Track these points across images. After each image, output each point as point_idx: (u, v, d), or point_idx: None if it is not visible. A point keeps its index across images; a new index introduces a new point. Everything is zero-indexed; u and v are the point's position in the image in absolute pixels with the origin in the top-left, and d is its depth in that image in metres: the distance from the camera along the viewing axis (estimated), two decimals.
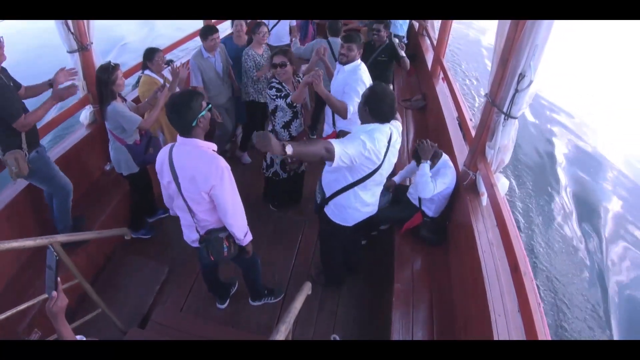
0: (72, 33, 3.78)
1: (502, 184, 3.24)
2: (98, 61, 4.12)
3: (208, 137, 2.53)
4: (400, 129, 2.99)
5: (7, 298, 3.19)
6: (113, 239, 4.16)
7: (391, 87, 5.63)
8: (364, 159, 2.65)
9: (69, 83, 3.39)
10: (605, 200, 8.09)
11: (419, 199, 3.72)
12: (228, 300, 3.75)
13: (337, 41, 5.27)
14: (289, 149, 2.27)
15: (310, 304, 3.41)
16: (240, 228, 2.70)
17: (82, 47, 3.92)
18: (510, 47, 2.78)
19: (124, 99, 3.63)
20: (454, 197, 3.64)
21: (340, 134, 4.06)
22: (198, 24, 6.38)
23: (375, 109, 2.69)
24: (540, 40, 2.51)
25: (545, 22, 2.43)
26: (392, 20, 8.72)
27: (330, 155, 2.46)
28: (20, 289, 3.30)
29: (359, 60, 3.93)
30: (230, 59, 5.04)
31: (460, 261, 3.37)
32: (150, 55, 4.19)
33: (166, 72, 4.38)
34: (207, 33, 4.54)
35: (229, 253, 2.77)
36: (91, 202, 4.16)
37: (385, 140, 2.73)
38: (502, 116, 2.91)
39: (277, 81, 3.80)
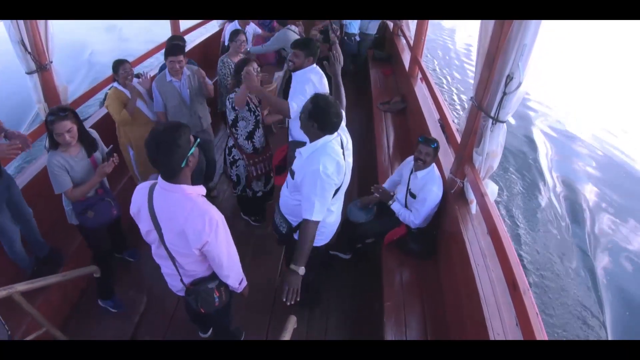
0: (29, 53, 3.51)
1: (492, 190, 3.09)
2: (60, 81, 3.89)
3: None
4: (347, 132, 2.90)
5: None
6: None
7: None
8: (338, 182, 2.61)
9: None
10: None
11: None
12: (211, 329, 3.52)
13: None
14: (301, 271, 2.49)
15: (297, 330, 3.19)
16: (236, 277, 2.42)
17: (41, 67, 3.65)
18: (496, 47, 2.61)
19: (87, 151, 3.10)
20: (441, 205, 3.45)
21: (292, 145, 3.85)
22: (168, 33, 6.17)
23: (323, 122, 2.51)
24: (529, 39, 2.35)
25: (534, 20, 2.26)
26: (345, 21, 8.66)
27: (315, 222, 2.57)
28: None
29: (313, 65, 3.67)
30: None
31: (452, 273, 3.21)
32: (116, 68, 3.94)
33: (137, 86, 4.10)
34: (168, 53, 4.02)
35: (221, 302, 2.49)
36: (64, 231, 3.74)
37: (338, 147, 2.62)
38: (490, 121, 2.73)
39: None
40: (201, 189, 2.16)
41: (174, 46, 4.11)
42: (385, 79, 7.58)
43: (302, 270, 2.44)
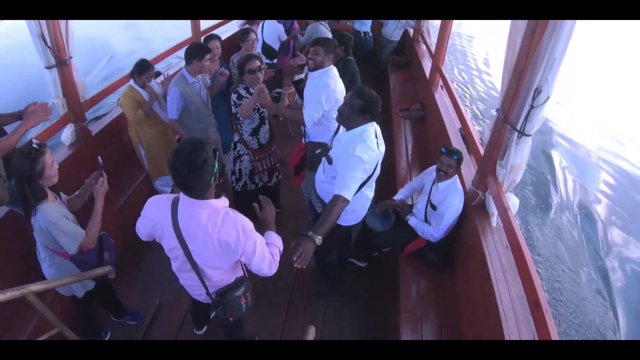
0: (49, 47, 3.49)
1: (513, 203, 3.03)
2: (79, 77, 3.88)
3: None
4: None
5: None
6: None
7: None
8: (369, 169, 2.74)
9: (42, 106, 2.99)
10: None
11: (425, 221, 3.50)
12: (205, 327, 3.54)
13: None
14: (319, 241, 2.41)
15: None
16: (272, 269, 2.34)
17: (61, 62, 3.63)
18: (524, 59, 2.56)
19: (57, 195, 2.65)
20: (461, 217, 3.40)
21: (310, 146, 3.80)
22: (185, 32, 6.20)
23: (375, 111, 2.72)
24: (559, 52, 2.29)
25: (565, 33, 2.21)
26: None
27: (348, 202, 2.61)
28: None
29: (331, 66, 3.59)
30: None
31: (470, 287, 3.16)
32: (140, 70, 3.96)
33: (155, 86, 4.16)
34: (203, 52, 3.96)
35: (247, 308, 2.51)
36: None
37: (373, 136, 2.77)
38: (515, 134, 2.68)
39: (244, 86, 3.65)
40: (225, 201, 2.13)
41: (204, 45, 4.22)
42: (404, 84, 7.53)
43: (319, 241, 2.41)
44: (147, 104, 4.00)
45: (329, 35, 6.05)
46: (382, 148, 2.91)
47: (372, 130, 2.78)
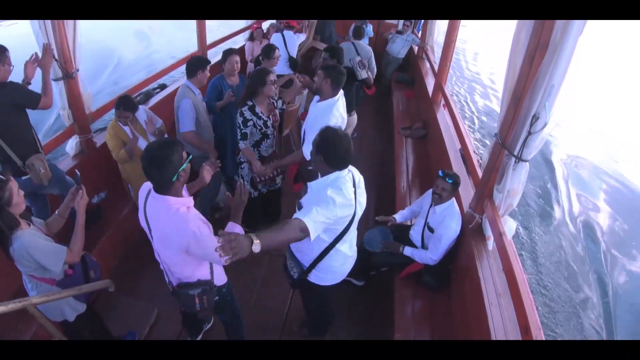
0: (56, 60, 3.58)
1: (509, 227, 3.02)
2: (84, 89, 3.95)
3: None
4: (357, 171, 2.65)
5: None
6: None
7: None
8: (339, 218, 2.37)
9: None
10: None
11: (422, 243, 3.48)
12: (200, 337, 3.55)
13: (361, 44, 6.20)
14: (255, 247, 1.88)
15: None
16: (220, 263, 2.48)
17: (67, 75, 3.72)
18: (523, 84, 2.57)
19: (29, 221, 2.57)
20: (458, 239, 3.38)
21: (303, 162, 3.84)
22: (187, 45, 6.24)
23: (330, 156, 2.37)
24: (557, 79, 2.29)
25: (564, 60, 2.22)
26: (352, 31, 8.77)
27: (305, 235, 2.18)
28: None
29: (337, 97, 3.56)
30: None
31: (464, 309, 3.15)
32: (118, 105, 3.74)
33: (142, 114, 3.98)
34: (206, 63, 4.07)
35: (202, 308, 2.59)
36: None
37: (350, 184, 2.46)
38: (513, 159, 2.68)
39: (250, 105, 3.70)
40: (188, 201, 2.32)
41: (205, 57, 4.38)
42: (407, 102, 7.55)
43: (256, 246, 1.88)
44: (129, 143, 3.77)
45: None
46: (363, 199, 2.62)
47: (349, 177, 2.48)
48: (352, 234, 2.69)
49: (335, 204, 2.29)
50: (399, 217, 3.83)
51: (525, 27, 2.52)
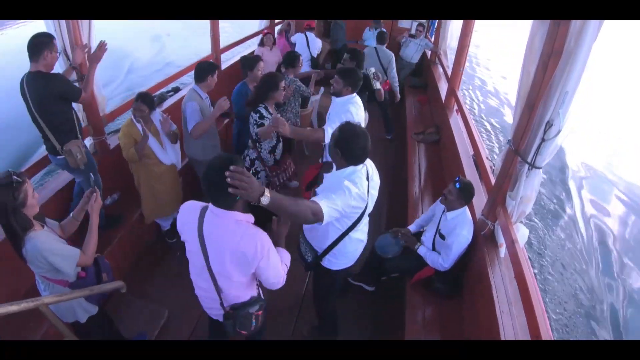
0: (70, 63, 3.65)
1: (522, 234, 2.99)
2: (99, 91, 4.00)
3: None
4: (372, 164, 2.76)
5: None
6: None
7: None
8: (352, 208, 2.45)
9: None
10: None
11: (432, 249, 3.47)
12: None
13: (383, 48, 6.48)
14: (265, 199, 1.92)
15: None
16: (281, 283, 2.41)
17: (82, 77, 3.74)
18: (537, 93, 2.56)
19: (43, 222, 2.58)
20: (470, 246, 3.36)
21: (326, 165, 3.88)
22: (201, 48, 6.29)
23: (347, 151, 2.46)
24: (571, 87, 2.28)
25: (578, 67, 2.21)
26: (365, 36, 8.84)
27: (317, 218, 2.22)
28: None
29: (354, 94, 3.73)
30: None
31: (475, 316, 3.12)
32: (137, 98, 3.80)
33: (157, 116, 4.00)
34: (214, 68, 4.12)
35: (256, 327, 2.51)
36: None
37: (364, 179, 2.55)
38: (526, 166, 2.67)
39: (264, 106, 3.73)
40: (250, 217, 2.20)
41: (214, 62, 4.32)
42: (420, 107, 7.53)
43: (265, 199, 1.92)
44: (140, 143, 3.79)
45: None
46: (375, 191, 2.74)
47: (363, 171, 2.57)
48: (365, 221, 2.81)
49: (351, 193, 2.38)
50: (413, 227, 3.83)
51: (539, 33, 2.51)
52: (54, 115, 3.35)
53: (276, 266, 2.27)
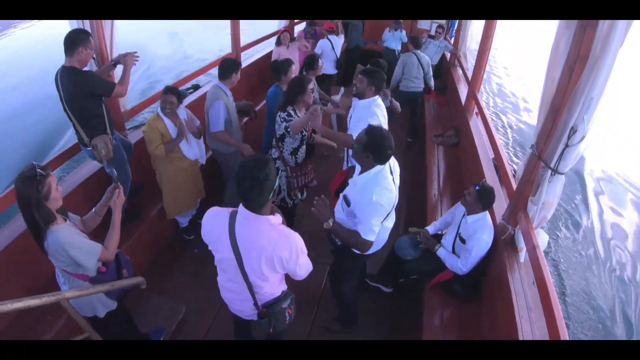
0: (93, 58, 3.68)
1: (542, 239, 2.98)
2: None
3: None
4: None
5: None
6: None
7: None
8: (388, 209, 2.76)
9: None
10: None
11: (452, 252, 3.46)
12: None
13: (421, 54, 6.63)
14: (327, 225, 2.68)
15: None
16: (308, 273, 2.49)
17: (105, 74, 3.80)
18: (561, 98, 2.55)
19: (65, 216, 2.56)
20: (490, 250, 3.33)
21: (352, 170, 3.87)
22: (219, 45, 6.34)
23: (376, 152, 2.62)
24: (597, 92, 2.27)
25: (604, 73, 2.19)
26: (385, 36, 8.82)
27: (368, 247, 2.76)
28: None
29: (376, 97, 3.74)
30: None
31: (494, 321, 3.10)
32: (165, 91, 3.84)
33: (182, 112, 4.02)
34: (239, 65, 4.23)
35: (290, 320, 2.59)
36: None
37: (389, 174, 2.76)
38: (549, 171, 2.66)
39: (293, 108, 3.79)
40: (279, 218, 2.27)
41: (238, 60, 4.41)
42: (439, 109, 7.50)
43: (328, 225, 2.71)
44: (173, 142, 3.86)
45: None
46: (397, 180, 2.93)
47: (387, 167, 2.74)
48: (392, 213, 3.00)
49: (383, 206, 2.65)
50: (431, 228, 3.82)
51: (564, 38, 2.50)
52: (83, 111, 3.44)
53: (307, 261, 2.36)
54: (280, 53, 6.99)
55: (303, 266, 2.34)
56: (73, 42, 3.23)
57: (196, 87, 6.69)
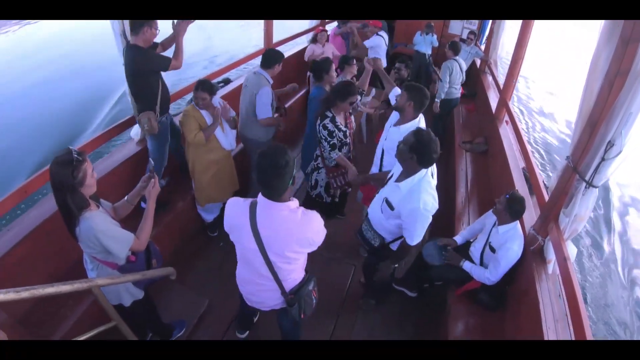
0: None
1: (571, 252, 2.97)
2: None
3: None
4: None
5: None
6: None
7: None
8: (431, 215, 2.82)
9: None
10: None
11: (480, 261, 3.48)
12: (248, 332, 3.70)
13: (461, 60, 6.70)
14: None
15: None
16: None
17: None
18: (600, 111, 2.54)
19: (98, 203, 2.55)
20: (518, 260, 3.32)
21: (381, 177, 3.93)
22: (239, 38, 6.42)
23: (423, 156, 2.69)
24: (636, 107, 2.26)
25: None
26: (416, 40, 8.79)
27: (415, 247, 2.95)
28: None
29: (418, 119, 3.61)
30: None
31: (519, 333, 3.09)
32: (196, 87, 3.86)
33: (217, 102, 4.04)
34: (282, 56, 4.39)
35: (316, 301, 2.70)
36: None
37: (431, 177, 2.86)
38: (583, 184, 2.65)
39: (331, 117, 3.83)
40: (296, 202, 2.34)
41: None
42: (467, 115, 7.47)
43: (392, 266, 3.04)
44: (210, 127, 3.92)
45: None
46: (436, 181, 3.05)
47: (429, 171, 2.80)
48: None
49: (429, 211, 2.73)
50: (459, 239, 3.81)
51: (604, 54, 2.50)
52: (138, 86, 3.75)
53: (324, 231, 2.43)
54: (314, 50, 7.07)
55: (323, 236, 2.41)
56: (140, 21, 3.46)
57: (227, 81, 6.77)
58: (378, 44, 7.38)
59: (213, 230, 4.81)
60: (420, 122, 3.62)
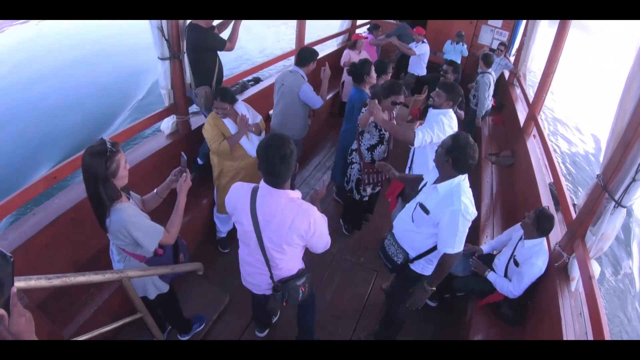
0: (166, 40, 3.79)
1: (595, 270, 2.95)
2: (185, 73, 4.23)
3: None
4: None
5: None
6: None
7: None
8: (471, 222, 2.66)
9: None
10: None
11: (504, 274, 3.48)
12: (267, 330, 3.74)
13: (492, 71, 6.63)
14: (431, 290, 2.90)
15: None
16: (327, 247, 2.61)
17: (174, 55, 3.94)
18: (633, 131, 2.53)
19: (128, 195, 2.55)
20: (541, 276, 3.31)
21: (414, 181, 3.94)
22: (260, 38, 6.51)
23: (460, 161, 2.57)
24: None
25: None
26: (446, 49, 8.83)
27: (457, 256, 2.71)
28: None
29: (449, 110, 3.73)
30: None
31: None
32: (215, 96, 3.77)
33: (241, 107, 3.95)
34: (316, 55, 4.54)
35: (303, 297, 2.72)
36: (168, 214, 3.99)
37: (468, 187, 2.69)
38: (613, 203, 2.65)
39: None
40: (298, 193, 2.39)
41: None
42: (494, 127, 7.43)
43: (430, 291, 2.87)
44: (236, 136, 3.81)
45: None
46: None
47: (466, 179, 2.70)
48: None
49: (471, 215, 2.59)
50: (486, 247, 3.82)
51: (638, 77, 2.50)
52: (197, 61, 4.16)
53: (325, 235, 2.48)
54: (350, 55, 7.19)
55: (322, 241, 2.47)
56: None
57: (257, 80, 6.84)
58: (425, 51, 7.49)
59: (225, 246, 4.64)
60: (451, 111, 3.76)
